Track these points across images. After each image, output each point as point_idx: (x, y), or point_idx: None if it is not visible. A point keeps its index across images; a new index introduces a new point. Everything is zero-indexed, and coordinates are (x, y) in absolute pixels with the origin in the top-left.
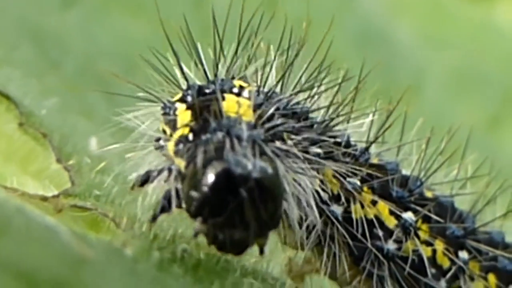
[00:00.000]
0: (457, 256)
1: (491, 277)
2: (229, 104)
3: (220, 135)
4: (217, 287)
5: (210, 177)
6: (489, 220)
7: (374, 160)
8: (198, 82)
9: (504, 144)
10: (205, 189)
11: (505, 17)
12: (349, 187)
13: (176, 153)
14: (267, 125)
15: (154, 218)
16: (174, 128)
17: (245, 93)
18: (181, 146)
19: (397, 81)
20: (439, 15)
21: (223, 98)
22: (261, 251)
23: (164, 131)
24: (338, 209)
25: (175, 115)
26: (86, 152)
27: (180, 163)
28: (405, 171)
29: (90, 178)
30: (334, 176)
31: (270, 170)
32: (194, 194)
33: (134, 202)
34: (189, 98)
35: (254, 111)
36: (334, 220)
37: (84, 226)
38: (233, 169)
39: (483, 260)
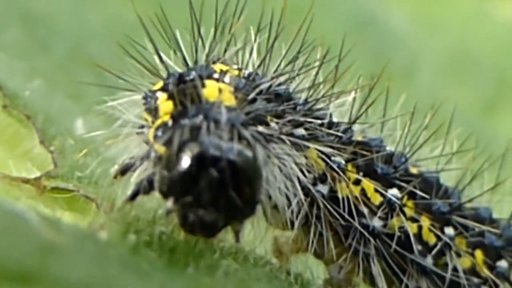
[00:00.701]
0: (443, 232)
1: (478, 253)
2: (210, 90)
3: (198, 119)
4: (192, 269)
5: (182, 157)
6: (476, 195)
7: (358, 137)
8: (179, 70)
9: (497, 128)
10: (177, 167)
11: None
12: (334, 166)
13: (155, 138)
14: (249, 109)
15: (130, 199)
16: (155, 116)
17: (226, 78)
18: (160, 132)
19: (390, 65)
20: (432, 0)
21: (204, 85)
22: (237, 239)
23: (146, 119)
24: (323, 189)
25: (156, 104)
26: (71, 134)
27: (159, 148)
28: (390, 147)
29: (73, 160)
30: (319, 157)
31: (245, 154)
32: (165, 173)
33: (117, 183)
34: (170, 87)
35: (235, 95)
36: (320, 200)
37: (66, 208)
38: (206, 150)
39: (469, 236)
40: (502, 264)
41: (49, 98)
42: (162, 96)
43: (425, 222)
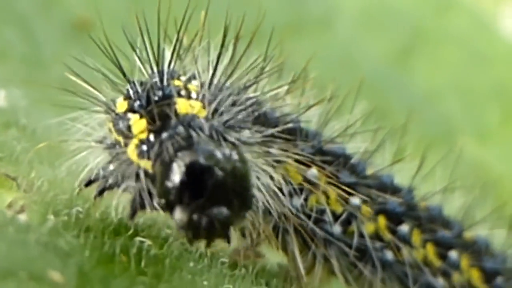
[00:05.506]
0: (349, 201)
1: (381, 219)
2: (182, 106)
3: (181, 128)
4: (108, 247)
5: (183, 164)
6: (380, 167)
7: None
8: (144, 88)
9: (412, 78)
10: (181, 175)
11: None
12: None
13: (140, 155)
14: (222, 120)
15: (131, 217)
16: (127, 135)
17: (193, 94)
18: (144, 147)
19: (308, 15)
20: None
21: (175, 102)
22: (228, 240)
23: (116, 140)
24: None
25: (128, 124)
26: None
27: (146, 164)
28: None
29: None
30: None
31: (236, 154)
32: (170, 183)
33: (37, 159)
34: (140, 108)
35: (206, 109)
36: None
37: None
38: (203, 155)
39: (373, 204)
40: (403, 228)
41: None
42: (134, 116)
43: (333, 193)
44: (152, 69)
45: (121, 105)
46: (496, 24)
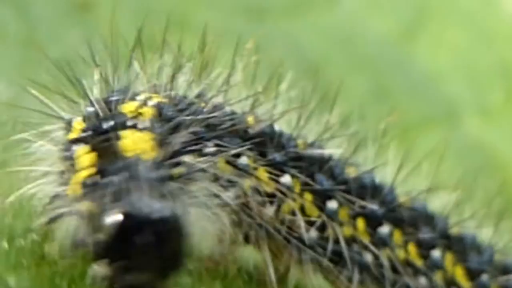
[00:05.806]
0: (325, 206)
1: (360, 222)
2: (126, 143)
3: (119, 179)
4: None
5: (109, 222)
6: (361, 169)
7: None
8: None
9: (415, 55)
10: (104, 233)
11: None
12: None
13: (80, 196)
14: (172, 155)
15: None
16: (73, 169)
17: (140, 124)
18: (84, 189)
19: None
20: None
21: (119, 137)
22: None
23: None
24: None
25: (77, 154)
26: None
27: (87, 205)
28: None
29: None
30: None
31: (168, 212)
32: (95, 237)
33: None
34: (89, 139)
35: (155, 141)
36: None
37: None
38: (132, 213)
39: (352, 208)
40: (383, 230)
41: None
42: (83, 148)
43: (307, 198)
44: (108, 88)
45: (74, 130)
46: (502, 4)
